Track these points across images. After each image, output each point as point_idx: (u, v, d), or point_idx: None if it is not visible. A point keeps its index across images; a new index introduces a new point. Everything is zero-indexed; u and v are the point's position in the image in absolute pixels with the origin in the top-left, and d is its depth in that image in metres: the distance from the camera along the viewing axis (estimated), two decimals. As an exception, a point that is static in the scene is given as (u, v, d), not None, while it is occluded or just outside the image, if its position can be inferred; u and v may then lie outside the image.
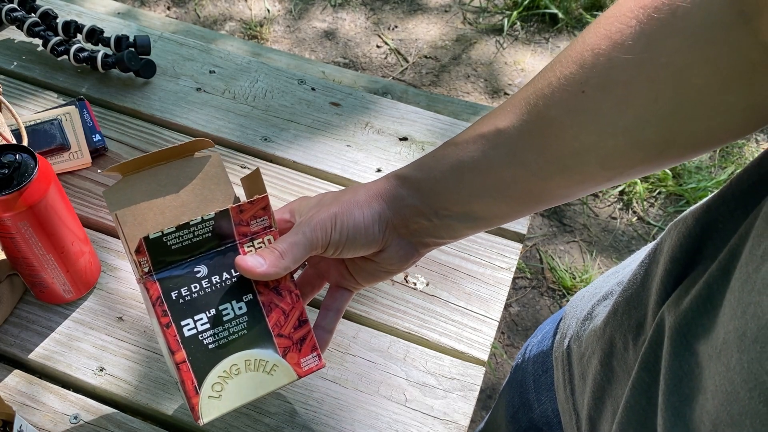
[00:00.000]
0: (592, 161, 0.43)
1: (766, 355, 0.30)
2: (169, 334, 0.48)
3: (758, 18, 0.35)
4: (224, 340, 0.50)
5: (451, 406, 0.64)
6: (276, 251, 0.48)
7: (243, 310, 0.50)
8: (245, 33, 2.01)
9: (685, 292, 0.41)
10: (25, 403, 0.62)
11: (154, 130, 0.83)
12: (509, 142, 0.45)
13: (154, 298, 0.49)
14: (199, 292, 0.50)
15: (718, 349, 0.35)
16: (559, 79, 0.43)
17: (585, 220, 1.74)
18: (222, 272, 0.50)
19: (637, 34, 0.39)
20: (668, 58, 0.38)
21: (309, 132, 0.84)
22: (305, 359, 0.52)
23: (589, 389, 0.54)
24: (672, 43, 0.38)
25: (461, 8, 2.10)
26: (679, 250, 0.43)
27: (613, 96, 0.40)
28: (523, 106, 0.45)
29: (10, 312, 0.67)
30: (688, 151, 0.42)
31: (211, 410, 0.49)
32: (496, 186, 0.47)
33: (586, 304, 0.60)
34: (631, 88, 0.40)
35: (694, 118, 0.40)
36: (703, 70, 0.38)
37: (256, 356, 0.50)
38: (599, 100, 0.41)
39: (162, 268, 0.49)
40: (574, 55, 0.42)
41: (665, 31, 0.38)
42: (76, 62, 0.86)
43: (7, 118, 0.76)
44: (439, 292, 0.71)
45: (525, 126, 0.44)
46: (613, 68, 0.40)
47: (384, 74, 1.93)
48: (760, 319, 0.30)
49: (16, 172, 0.58)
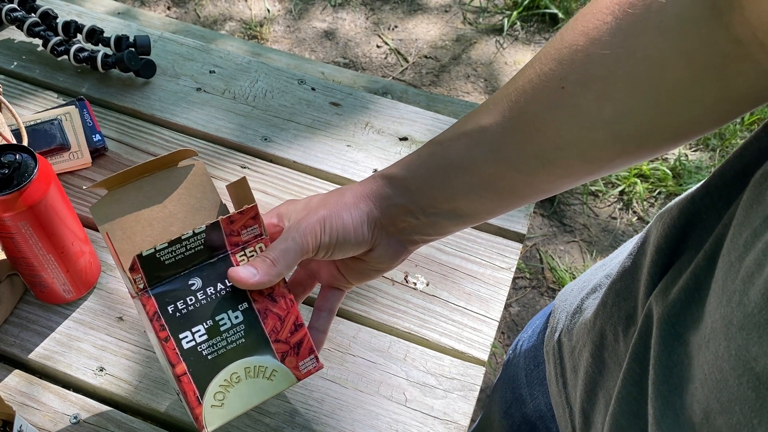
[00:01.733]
0: (574, 155, 0.44)
1: (752, 342, 0.30)
2: (168, 347, 0.49)
3: (730, 12, 0.36)
4: (223, 349, 0.50)
5: (451, 406, 0.64)
6: (267, 260, 0.49)
7: (239, 318, 0.51)
8: (245, 33, 2.01)
9: (672, 283, 0.41)
10: (25, 403, 0.62)
11: (154, 130, 0.83)
12: (492, 139, 0.46)
13: (151, 314, 0.49)
14: (195, 304, 0.50)
15: (707, 338, 0.35)
16: (539, 75, 0.43)
17: (585, 220, 1.74)
18: (216, 283, 0.50)
19: (614, 30, 0.40)
20: (644, 52, 0.39)
21: (309, 132, 0.84)
22: (303, 362, 0.52)
23: (581, 382, 0.54)
24: (647, 38, 0.39)
25: (461, 8, 2.11)
26: (664, 241, 0.44)
27: (591, 91, 0.41)
28: (504, 104, 0.45)
29: (10, 312, 0.67)
30: (667, 142, 0.43)
31: (214, 419, 0.49)
32: (481, 183, 0.47)
33: (575, 297, 0.60)
34: (608, 83, 0.40)
35: (670, 111, 0.41)
36: (678, 63, 0.38)
37: (255, 363, 0.51)
38: (578, 95, 0.42)
39: (156, 283, 0.49)
40: (552, 52, 0.43)
41: (640, 26, 0.39)
42: (76, 62, 0.86)
43: (7, 118, 0.76)
44: (439, 292, 0.71)
45: (507, 123, 0.45)
46: (590, 64, 0.41)
47: (384, 74, 1.93)
48: (745, 306, 0.31)
49: (16, 172, 0.58)
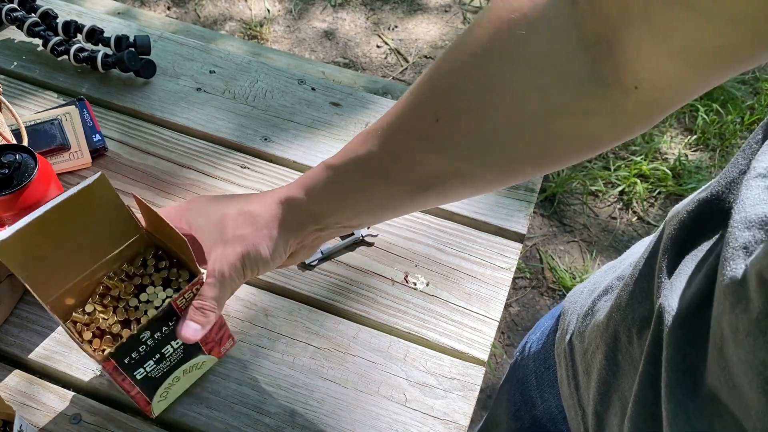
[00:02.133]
0: (455, 182, 0.47)
1: (759, 347, 0.30)
2: (124, 382, 0.55)
3: (596, 46, 0.37)
4: (167, 367, 0.58)
5: (451, 406, 0.64)
6: (206, 311, 0.53)
7: (179, 342, 0.57)
8: (245, 33, 2.01)
9: (688, 286, 0.41)
10: (25, 403, 0.62)
11: (154, 130, 0.83)
12: (382, 167, 0.48)
13: (111, 369, 0.53)
14: (145, 349, 0.55)
15: (719, 345, 0.35)
16: (417, 107, 0.46)
17: (585, 220, 1.74)
18: (162, 327, 0.55)
19: (481, 64, 0.41)
20: (505, 87, 0.41)
21: (309, 132, 0.84)
22: (224, 347, 0.64)
23: (594, 384, 0.54)
24: (510, 72, 0.40)
25: (461, 8, 2.10)
26: (675, 243, 0.44)
27: (462, 124, 0.43)
28: (387, 135, 0.48)
29: (11, 312, 0.67)
30: (537, 170, 0.46)
31: (160, 407, 0.61)
32: (377, 204, 0.51)
33: (585, 299, 0.60)
34: (477, 117, 0.43)
35: (533, 143, 0.43)
36: (536, 98, 0.40)
37: (191, 364, 0.60)
38: (452, 129, 0.44)
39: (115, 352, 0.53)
40: (428, 84, 0.45)
41: (506, 59, 0.40)
42: (76, 62, 0.86)
43: (8, 118, 0.76)
44: (439, 292, 0.71)
45: (393, 152, 0.48)
46: (460, 99, 0.43)
47: (384, 74, 1.93)
48: (750, 313, 0.31)
49: (16, 172, 0.58)
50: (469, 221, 0.77)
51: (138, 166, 0.79)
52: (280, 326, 0.68)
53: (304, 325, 0.68)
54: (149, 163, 0.79)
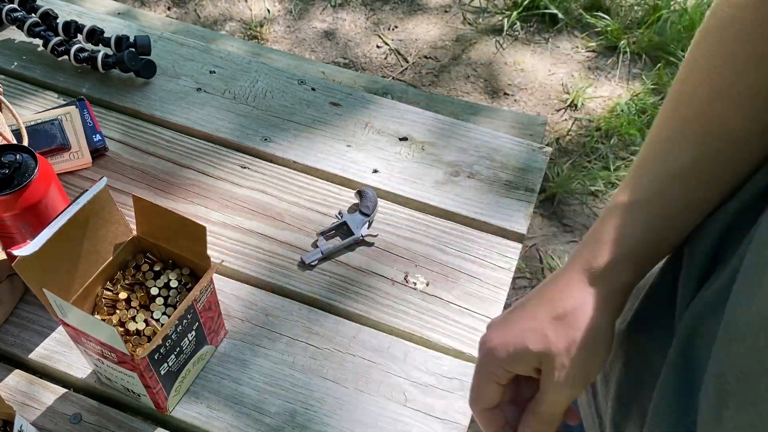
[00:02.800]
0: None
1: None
2: (151, 379, 0.56)
3: None
4: (183, 360, 0.60)
5: (451, 406, 0.64)
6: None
7: (193, 335, 0.59)
8: (245, 33, 2.01)
9: (712, 295, 0.41)
10: (25, 402, 0.62)
11: (154, 130, 0.83)
12: (700, 174, 0.44)
13: (144, 366, 0.54)
14: (171, 344, 0.56)
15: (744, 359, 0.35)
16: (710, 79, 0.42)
17: (585, 220, 1.74)
18: (183, 320, 0.56)
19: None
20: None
21: (309, 132, 0.84)
22: (219, 336, 0.66)
23: (613, 393, 0.53)
24: None
25: (461, 8, 2.11)
26: (699, 253, 0.44)
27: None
28: (693, 131, 0.44)
29: (11, 312, 0.67)
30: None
31: (174, 402, 0.62)
32: (700, 215, 0.46)
33: None
34: None
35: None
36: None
37: (199, 356, 0.63)
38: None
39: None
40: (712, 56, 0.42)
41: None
42: (76, 62, 0.86)
43: (8, 118, 0.77)
44: (439, 292, 0.71)
45: (709, 145, 0.43)
46: None
47: (384, 74, 1.93)
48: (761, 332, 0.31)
49: (16, 172, 0.58)
50: (469, 221, 0.77)
51: (138, 166, 0.79)
52: (280, 326, 0.68)
53: (304, 325, 0.68)
54: (149, 163, 0.79)
